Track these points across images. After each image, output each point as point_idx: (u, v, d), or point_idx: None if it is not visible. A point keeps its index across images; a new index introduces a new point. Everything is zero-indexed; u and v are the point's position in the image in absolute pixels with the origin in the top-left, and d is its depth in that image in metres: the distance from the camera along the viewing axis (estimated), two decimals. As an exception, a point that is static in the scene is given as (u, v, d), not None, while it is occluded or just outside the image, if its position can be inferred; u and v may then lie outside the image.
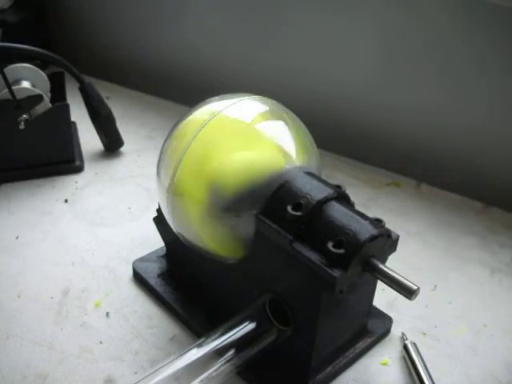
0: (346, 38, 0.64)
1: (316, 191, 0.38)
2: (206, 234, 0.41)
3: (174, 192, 0.41)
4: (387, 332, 0.47)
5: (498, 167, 0.62)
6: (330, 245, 0.35)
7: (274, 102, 0.44)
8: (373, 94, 0.66)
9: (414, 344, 0.45)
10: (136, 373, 0.43)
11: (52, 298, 0.49)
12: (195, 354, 0.37)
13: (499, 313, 0.50)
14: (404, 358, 0.45)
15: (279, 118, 0.42)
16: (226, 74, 0.74)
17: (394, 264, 0.38)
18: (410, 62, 0.62)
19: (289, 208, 0.37)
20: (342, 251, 0.35)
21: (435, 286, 0.52)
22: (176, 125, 0.44)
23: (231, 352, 0.37)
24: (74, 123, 0.69)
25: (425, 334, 0.47)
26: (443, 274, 0.54)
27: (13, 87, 0.58)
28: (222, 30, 0.72)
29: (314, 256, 0.36)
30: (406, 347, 0.45)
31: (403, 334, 0.46)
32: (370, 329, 0.46)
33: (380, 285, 0.40)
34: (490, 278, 0.53)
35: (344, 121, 0.69)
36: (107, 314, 0.48)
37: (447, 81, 0.61)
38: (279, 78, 0.70)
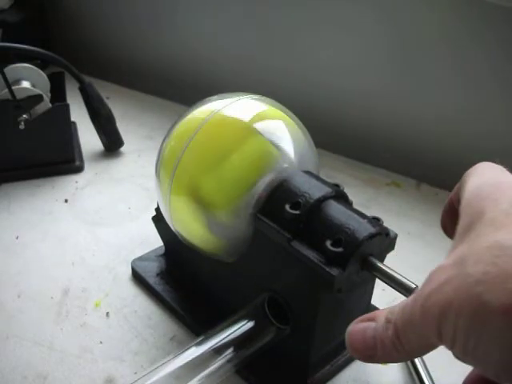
0: (346, 39, 0.64)
1: (314, 190, 0.38)
2: (204, 233, 0.41)
3: (172, 191, 0.41)
4: (386, 331, 0.47)
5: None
6: (328, 243, 0.35)
7: (272, 101, 0.44)
8: (373, 94, 0.65)
9: (414, 343, 0.45)
10: (136, 373, 0.43)
11: (52, 298, 0.49)
12: (194, 352, 0.37)
13: (499, 312, 0.50)
14: (404, 358, 0.45)
15: (278, 117, 0.42)
16: (225, 74, 0.74)
17: (394, 264, 0.38)
18: (411, 64, 0.62)
19: (287, 207, 0.37)
20: (340, 250, 0.35)
21: (435, 285, 0.52)
22: (175, 124, 0.44)
23: (230, 350, 0.37)
24: (74, 123, 0.69)
25: (425, 334, 0.47)
26: (443, 274, 0.53)
27: (13, 87, 0.58)
28: (221, 30, 0.72)
29: (312, 255, 0.36)
30: (405, 347, 0.45)
31: (403, 333, 0.46)
32: (370, 328, 0.46)
33: (380, 285, 0.39)
34: (490, 278, 0.53)
35: (344, 121, 0.69)
36: (107, 313, 0.48)
37: (448, 81, 0.61)
38: (278, 78, 0.70)
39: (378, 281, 0.38)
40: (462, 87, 0.60)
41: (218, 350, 0.37)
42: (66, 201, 0.60)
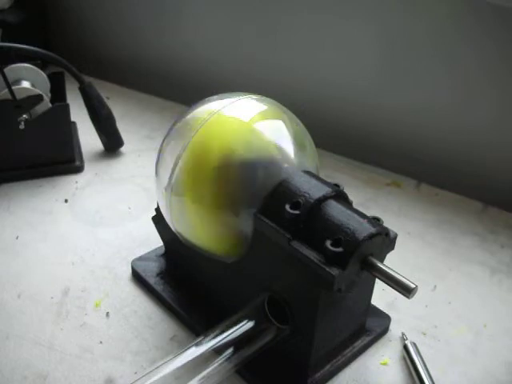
0: (345, 39, 0.64)
1: (314, 190, 0.38)
2: (204, 233, 0.41)
3: (172, 191, 0.41)
4: (385, 330, 0.47)
5: (498, 167, 0.62)
6: (328, 243, 0.35)
7: (272, 101, 0.44)
8: (373, 94, 0.65)
9: (414, 344, 0.45)
10: (136, 373, 0.43)
11: (52, 298, 0.49)
12: (194, 352, 0.37)
13: (499, 313, 0.50)
14: (404, 358, 0.45)
15: (278, 117, 0.42)
16: (225, 74, 0.74)
17: (393, 264, 0.38)
18: (410, 62, 0.62)
19: (287, 207, 0.37)
20: (340, 249, 0.35)
21: (435, 286, 0.52)
22: (174, 124, 0.44)
23: (230, 350, 0.37)
24: (74, 123, 0.69)
25: (425, 334, 0.47)
26: (443, 274, 0.53)
27: (13, 87, 0.58)
28: (221, 30, 0.72)
29: (312, 254, 0.36)
30: (405, 347, 0.45)
31: (403, 333, 0.46)
32: (369, 327, 0.46)
33: (380, 285, 0.39)
34: (490, 278, 0.53)
35: (344, 121, 0.69)
36: (107, 314, 0.48)
37: (447, 81, 0.61)
38: (278, 78, 0.70)
39: (377, 281, 0.38)
40: (462, 87, 0.60)
41: (218, 350, 0.37)
42: (66, 201, 0.60)
